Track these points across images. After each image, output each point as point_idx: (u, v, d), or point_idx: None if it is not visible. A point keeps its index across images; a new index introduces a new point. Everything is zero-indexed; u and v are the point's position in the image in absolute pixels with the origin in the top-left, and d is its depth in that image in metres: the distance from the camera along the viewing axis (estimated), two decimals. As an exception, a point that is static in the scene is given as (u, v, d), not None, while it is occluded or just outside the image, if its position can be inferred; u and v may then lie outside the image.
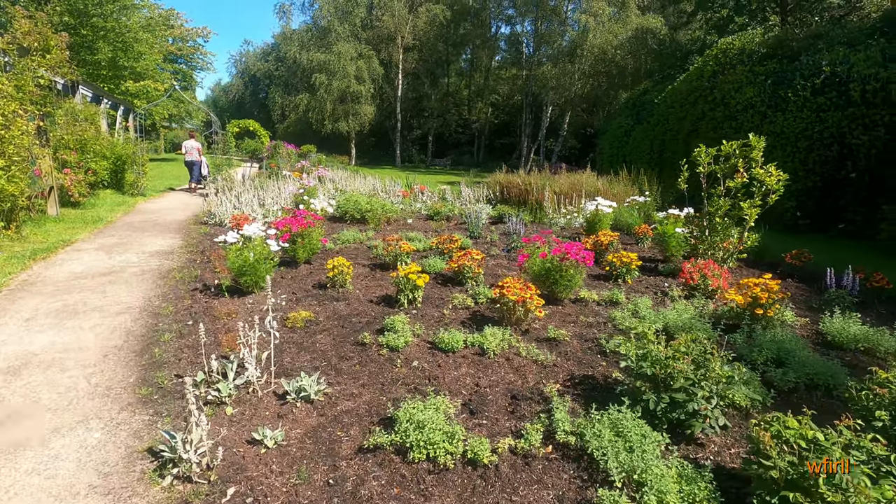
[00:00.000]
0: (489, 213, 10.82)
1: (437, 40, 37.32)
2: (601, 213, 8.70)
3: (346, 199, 10.27)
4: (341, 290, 5.40)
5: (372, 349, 3.90)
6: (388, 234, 8.97)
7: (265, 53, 52.01)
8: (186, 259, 6.87)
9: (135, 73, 23.53)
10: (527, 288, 4.28)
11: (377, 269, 6.39)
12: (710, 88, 13.92)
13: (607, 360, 3.83)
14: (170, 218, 10.59)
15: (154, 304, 4.96)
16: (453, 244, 6.78)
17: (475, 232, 8.84)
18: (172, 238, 8.42)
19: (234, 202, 10.25)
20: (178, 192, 15.85)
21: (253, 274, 4.94)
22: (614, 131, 19.79)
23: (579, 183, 11.77)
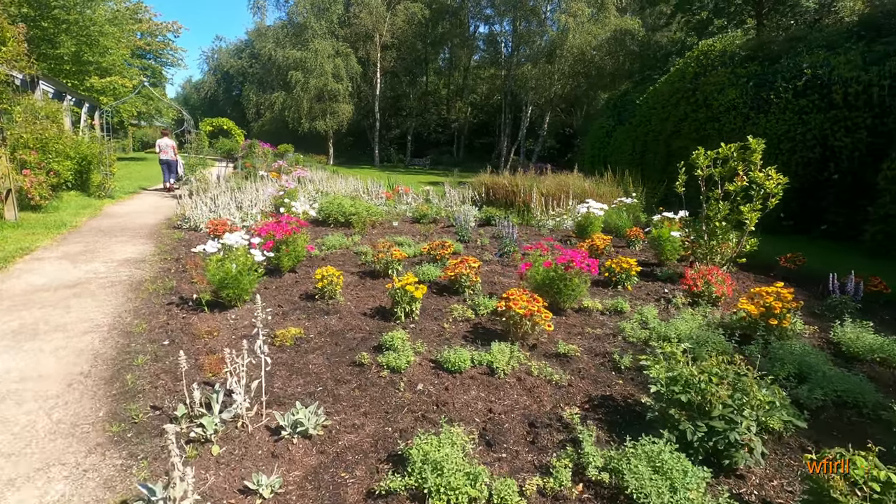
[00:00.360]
0: (476, 216, 10.56)
1: (416, 39, 36.91)
2: (592, 216, 8.53)
3: (329, 201, 9.85)
4: (331, 302, 5.04)
5: (371, 370, 3.57)
6: (375, 238, 8.62)
7: (238, 50, 50.61)
8: (160, 268, 6.38)
9: (100, 69, 22.42)
10: (534, 300, 4.01)
11: (367, 278, 6.04)
12: (692, 90, 13.96)
13: (623, 377, 3.60)
14: (140, 222, 9.99)
15: (125, 321, 4.51)
16: (446, 250, 6.49)
17: (465, 236, 8.56)
18: (144, 244, 7.89)
19: (209, 205, 9.72)
20: (148, 193, 15.12)
21: (236, 287, 4.55)
22: (596, 132, 19.79)
23: (566, 184, 11.61)
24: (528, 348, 4.01)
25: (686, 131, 13.96)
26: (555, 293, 4.73)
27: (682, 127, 14.21)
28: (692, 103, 13.84)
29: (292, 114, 33.41)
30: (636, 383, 3.51)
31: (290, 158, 23.02)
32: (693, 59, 14.48)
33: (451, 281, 5.39)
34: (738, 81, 12.49)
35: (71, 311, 4.72)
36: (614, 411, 3.13)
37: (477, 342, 4.13)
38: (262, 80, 40.93)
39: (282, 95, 33.67)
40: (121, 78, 23.41)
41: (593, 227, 8.60)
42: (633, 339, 4.21)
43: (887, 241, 8.49)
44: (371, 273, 6.21)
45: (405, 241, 8.00)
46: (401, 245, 7.86)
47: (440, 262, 6.49)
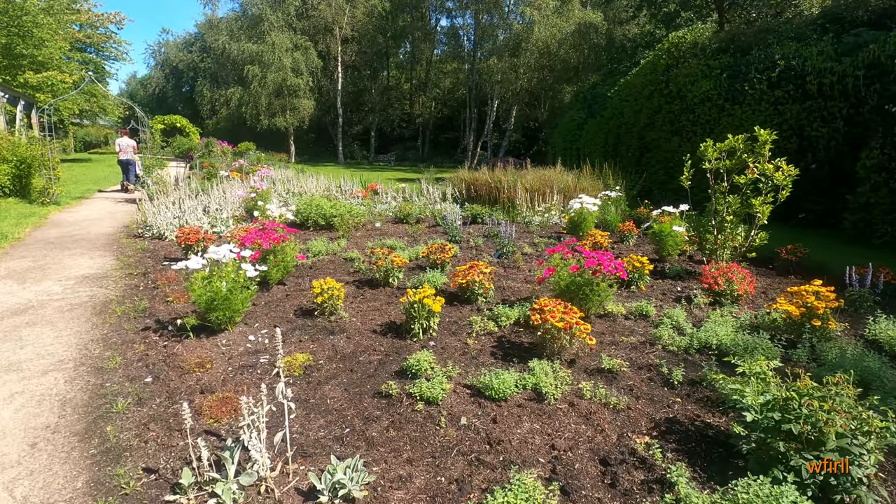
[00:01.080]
0: (460, 214, 10.12)
1: (377, 32, 35.99)
2: (586, 212, 8.26)
3: (306, 203, 9.18)
4: (334, 319, 4.50)
5: (402, 404, 3.09)
6: (361, 242, 8.05)
7: (188, 43, 47.97)
8: (126, 285, 5.62)
9: (36, 63, 20.52)
10: (570, 311, 3.63)
11: (365, 288, 5.51)
12: (665, 82, 13.99)
13: (678, 394, 3.26)
14: (95, 231, 9.00)
15: (94, 354, 3.82)
16: (446, 254, 6.02)
17: (455, 236, 8.11)
18: (103, 257, 7.02)
19: (174, 210, 8.85)
20: (99, 197, 13.85)
21: (227, 308, 3.93)
22: (566, 125, 19.73)
23: (549, 179, 11.34)
24: (567, 364, 3.62)
25: (660, 123, 13.99)
26: (580, 299, 4.37)
27: (655, 119, 14.23)
28: (665, 95, 13.87)
29: (250, 110, 31.91)
30: (695, 401, 3.18)
31: (251, 157, 21.86)
32: (664, 51, 14.52)
33: (462, 289, 4.94)
34: (711, 73, 12.56)
35: (25, 345, 3.98)
36: (686, 438, 2.78)
37: (509, 360, 3.71)
38: (216, 75, 38.95)
39: (238, 91, 32.09)
40: (59, 73, 21.53)
41: (587, 223, 8.34)
42: (672, 348, 3.90)
43: (867, 229, 8.65)
44: (368, 282, 5.67)
45: (395, 244, 7.48)
46: (392, 248, 7.34)
47: (441, 268, 6.03)
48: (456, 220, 9.00)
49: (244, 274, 4.02)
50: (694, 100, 12.69)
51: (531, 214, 10.41)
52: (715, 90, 12.15)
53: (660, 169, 13.94)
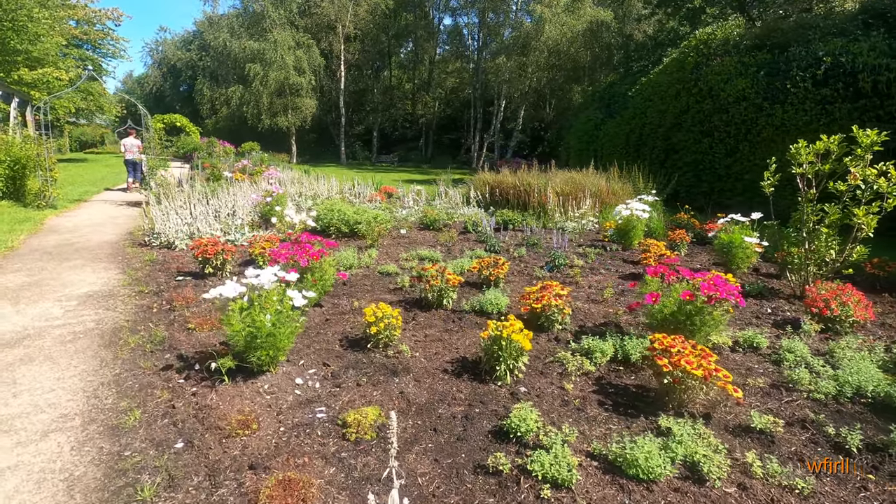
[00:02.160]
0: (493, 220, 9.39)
1: (380, 31, 35.19)
2: (635, 220, 7.54)
3: (327, 208, 8.40)
4: (392, 353, 3.74)
5: (521, 488, 2.33)
6: (393, 251, 7.29)
7: (186, 41, 46.95)
8: (137, 307, 4.84)
9: (31, 59, 19.59)
10: (704, 354, 2.90)
11: (415, 310, 4.75)
12: (694, 80, 13.30)
13: (861, 465, 2.53)
14: (96, 238, 8.19)
15: (106, 405, 3.05)
16: (500, 269, 5.27)
17: (494, 246, 7.37)
18: (107, 270, 6.23)
19: (184, 216, 8.05)
20: (96, 200, 13.01)
21: (271, 346, 3.17)
22: (583, 125, 19.02)
23: (579, 182, 10.63)
24: (703, 420, 2.88)
25: (688, 123, 13.31)
26: (687, 331, 3.63)
27: (683, 119, 13.55)
28: (695, 94, 13.18)
29: (251, 109, 31.03)
30: (889, 475, 2.45)
31: (254, 157, 21.01)
32: (692, 48, 13.83)
33: (535, 314, 4.20)
34: (746, 71, 11.87)
35: (20, 392, 3.20)
36: (918, 541, 2.05)
37: (624, 413, 2.97)
38: (215, 73, 37.97)
39: (239, 89, 31.20)
40: (55, 70, 20.61)
41: (636, 232, 7.62)
42: (818, 396, 3.17)
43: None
44: (416, 303, 4.91)
45: (431, 255, 6.73)
46: (431, 261, 6.59)
47: (494, 285, 5.29)
48: (490, 227, 8.27)
49: (290, 303, 3.26)
50: (728, 99, 12.01)
51: (563, 220, 9.70)
52: (751, 89, 11.47)
53: (688, 171, 13.26)
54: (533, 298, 4.18)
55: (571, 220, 9.72)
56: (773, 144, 10.87)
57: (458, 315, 4.57)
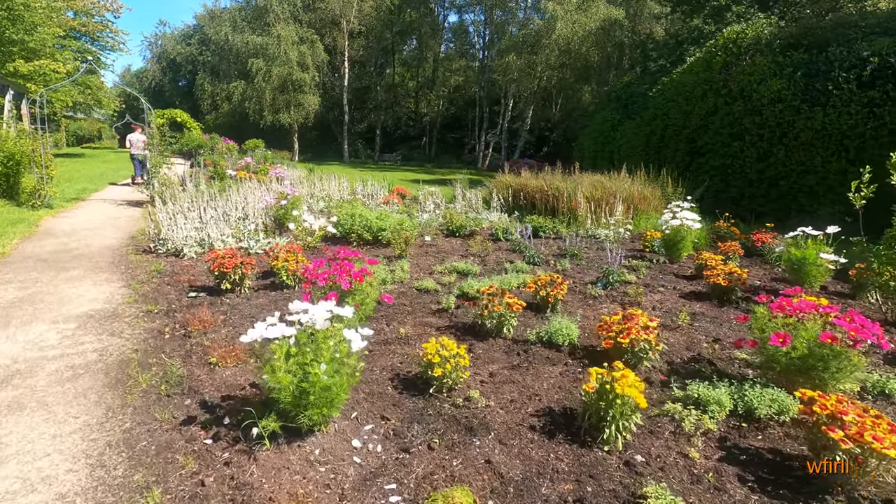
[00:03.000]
0: (529, 227, 8.75)
1: (384, 27, 34.40)
2: (685, 230, 6.90)
3: (348, 213, 7.72)
4: (461, 401, 3.08)
5: None
6: (422, 262, 6.62)
7: (186, 36, 45.95)
8: (146, 331, 4.15)
9: (27, 50, 18.76)
10: (893, 428, 2.26)
11: (468, 338, 4.08)
12: (723, 80, 12.68)
13: None
14: (96, 243, 7.48)
15: (115, 480, 2.37)
16: (558, 289, 4.61)
17: (533, 257, 6.71)
18: (109, 282, 5.53)
19: (193, 221, 7.35)
20: (95, 199, 12.27)
21: (326, 403, 2.50)
22: (599, 125, 18.38)
23: (609, 187, 9.99)
24: None
25: (716, 125, 12.69)
26: (817, 377, 2.99)
27: (710, 121, 12.93)
28: (724, 95, 12.56)
29: (253, 105, 30.21)
30: None
31: (257, 155, 20.25)
32: (720, 47, 13.19)
33: (618, 350, 3.55)
34: (782, 71, 11.26)
35: (5, 458, 2.51)
36: None
37: (776, 495, 2.32)
38: (216, 68, 37.04)
39: (241, 85, 30.36)
40: (52, 62, 19.77)
41: (685, 244, 6.99)
42: None
43: None
44: (470, 330, 4.25)
45: (467, 268, 6.07)
46: (464, 274, 5.93)
47: (550, 307, 4.64)
48: (525, 235, 7.63)
49: (347, 346, 2.58)
50: (761, 100, 11.40)
51: (594, 227, 9.07)
52: (788, 90, 10.86)
53: (715, 175, 12.65)
54: (616, 331, 3.53)
55: (604, 227, 9.09)
56: (813, 149, 10.28)
57: (523, 346, 3.91)
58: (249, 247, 7.00)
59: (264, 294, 5.12)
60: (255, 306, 4.74)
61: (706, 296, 5.44)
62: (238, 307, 4.71)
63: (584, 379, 3.39)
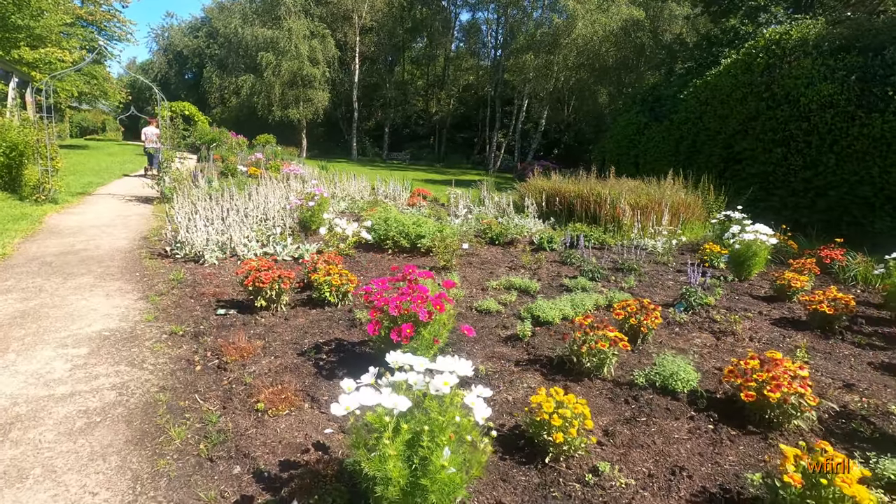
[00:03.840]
0: (582, 237, 8.07)
1: (396, 24, 33.67)
2: (758, 246, 6.20)
3: (382, 218, 7.01)
4: (588, 476, 2.38)
5: None
6: (468, 274, 5.92)
7: (194, 28, 45.14)
8: (173, 361, 3.45)
9: (32, 37, 18.00)
10: None
11: (558, 377, 3.39)
12: (765, 84, 11.99)
13: None
14: (106, 244, 6.77)
15: None
16: (651, 317, 3.91)
17: (594, 272, 6.01)
18: (123, 293, 4.83)
19: (215, 223, 6.63)
20: (102, 194, 11.55)
21: (444, 498, 1.80)
22: (623, 128, 17.68)
23: (652, 194, 9.30)
24: None
25: (757, 131, 12.00)
26: None
27: (751, 126, 12.25)
28: (766, 99, 11.87)
29: (262, 100, 29.49)
30: None
31: (267, 151, 19.51)
32: (761, 48, 12.50)
33: (759, 405, 2.85)
34: (833, 75, 10.56)
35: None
36: None
37: None
38: (223, 61, 36.25)
39: (250, 79, 29.62)
40: (58, 49, 19.03)
41: (757, 261, 6.30)
42: None
43: None
44: (559, 367, 3.55)
45: (524, 284, 5.37)
46: (527, 292, 5.24)
47: (643, 339, 3.94)
48: (579, 246, 6.94)
49: (470, 421, 1.88)
50: (810, 105, 10.71)
51: (640, 237, 8.38)
52: (841, 95, 10.17)
53: (754, 183, 11.95)
54: (759, 381, 2.83)
55: (650, 237, 8.41)
56: (869, 157, 9.61)
57: (629, 392, 3.22)
58: (276, 252, 6.30)
59: (303, 312, 4.42)
60: (296, 329, 4.04)
61: (802, 324, 4.75)
62: (276, 329, 4.01)
63: (723, 442, 2.70)
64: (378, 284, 3.34)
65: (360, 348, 3.72)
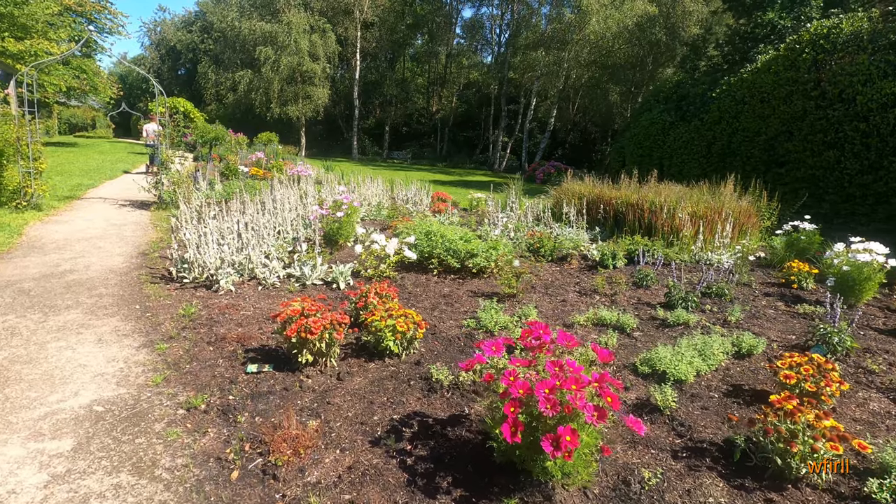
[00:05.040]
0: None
1: (398, 19, 32.46)
2: (872, 268, 5.24)
3: (423, 232, 5.95)
4: None
5: None
6: (538, 302, 4.88)
7: (187, 22, 43.51)
8: (197, 462, 2.37)
9: (16, 27, 16.65)
10: None
11: (747, 480, 2.37)
12: (814, 81, 11.07)
13: None
14: (97, 263, 5.65)
15: None
16: (831, 384, 2.90)
17: (687, 300, 5.00)
18: (120, 336, 3.73)
19: (230, 239, 5.51)
20: (92, 198, 10.34)
21: None
22: (645, 128, 16.72)
23: (707, 201, 8.32)
24: None
25: (804, 132, 11.10)
26: None
27: (796, 127, 11.34)
28: (815, 98, 10.95)
29: (260, 96, 28.18)
30: None
31: (268, 150, 18.31)
32: (807, 43, 11.57)
33: None
34: (895, 72, 9.68)
35: None
36: None
37: None
38: (219, 57, 34.79)
39: (248, 74, 28.28)
40: (45, 40, 17.69)
41: (869, 286, 5.34)
42: None
43: None
44: (741, 465, 2.52)
45: (616, 319, 4.35)
46: (623, 330, 4.22)
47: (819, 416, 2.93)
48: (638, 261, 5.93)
49: None
50: (869, 105, 9.81)
51: (701, 250, 7.42)
52: (906, 93, 9.28)
53: (800, 188, 11.05)
54: None
55: (714, 250, 7.45)
56: (942, 163, 8.70)
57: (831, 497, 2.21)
58: (303, 275, 5.23)
59: (358, 367, 3.37)
60: (357, 396, 2.99)
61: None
62: (331, 398, 2.96)
63: None
64: (491, 348, 2.31)
65: (454, 431, 2.68)
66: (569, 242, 6.81)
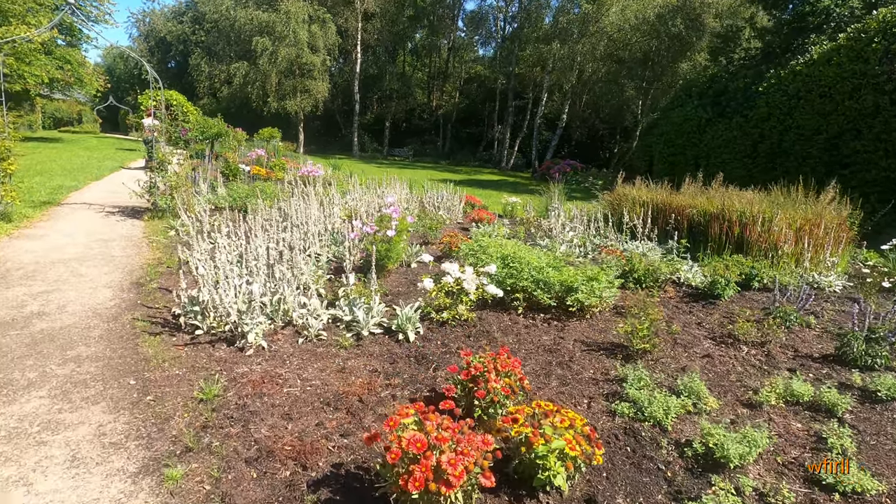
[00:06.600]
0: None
1: (399, 10, 30.87)
2: None
3: (499, 255, 4.61)
4: None
5: None
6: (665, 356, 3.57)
7: (178, 13, 41.40)
8: None
9: (-7, 11, 14.93)
10: None
11: None
12: (886, 74, 9.89)
13: None
14: (78, 300, 4.23)
15: None
16: None
17: (877, 355, 3.71)
18: (106, 454, 2.34)
19: (252, 262, 4.12)
20: (75, 205, 8.81)
21: None
22: (677, 124, 15.49)
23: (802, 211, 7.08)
24: None
25: (877, 130, 9.92)
26: None
27: (865, 124, 10.16)
28: (889, 93, 9.77)
29: (256, 90, 26.51)
30: None
31: (269, 147, 16.77)
32: (876, 31, 10.37)
33: None
34: None
35: None
36: None
37: None
38: (211, 48, 32.90)
39: (244, 66, 26.57)
40: (24, 26, 15.95)
41: None
42: None
43: None
44: None
45: (811, 395, 3.06)
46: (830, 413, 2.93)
47: None
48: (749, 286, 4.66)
49: None
50: (961, 100, 8.64)
51: (806, 270, 6.18)
52: None
53: (869, 193, 9.87)
54: None
55: (818, 270, 6.23)
56: None
57: None
58: (356, 319, 3.86)
59: (502, 516, 2.03)
60: None
61: None
62: None
63: None
64: None
65: None
66: (665, 267, 5.50)
